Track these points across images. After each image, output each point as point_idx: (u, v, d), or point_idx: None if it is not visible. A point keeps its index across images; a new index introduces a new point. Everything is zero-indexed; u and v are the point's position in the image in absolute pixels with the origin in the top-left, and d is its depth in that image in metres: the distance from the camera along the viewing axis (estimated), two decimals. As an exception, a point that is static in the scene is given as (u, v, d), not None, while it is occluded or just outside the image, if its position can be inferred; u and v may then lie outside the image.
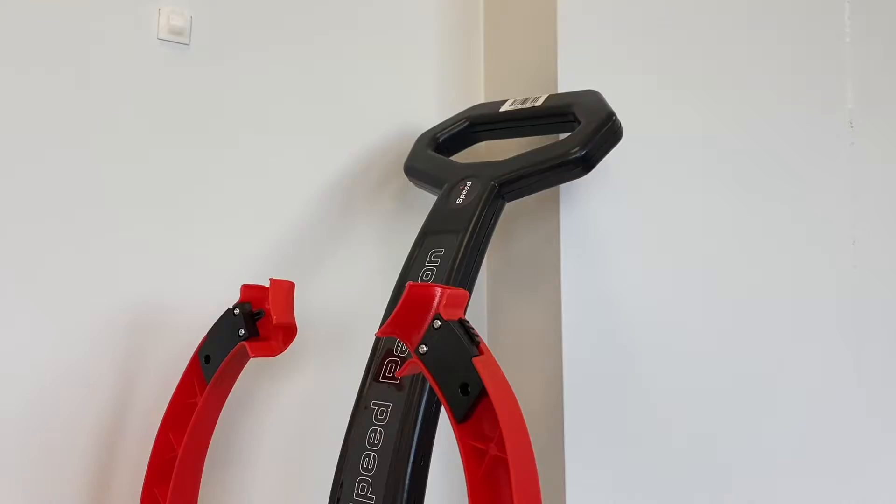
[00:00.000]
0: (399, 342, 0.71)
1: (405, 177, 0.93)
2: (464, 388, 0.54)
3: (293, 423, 0.86)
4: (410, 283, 0.59)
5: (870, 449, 1.15)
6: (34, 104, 0.75)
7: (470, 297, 0.65)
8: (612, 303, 0.93)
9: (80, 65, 0.77)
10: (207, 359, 0.72)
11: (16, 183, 0.74)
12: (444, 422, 0.68)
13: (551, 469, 0.88)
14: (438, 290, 0.58)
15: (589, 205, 0.89)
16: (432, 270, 0.74)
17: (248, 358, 0.71)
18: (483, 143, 0.96)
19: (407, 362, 0.59)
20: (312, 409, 0.88)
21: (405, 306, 0.57)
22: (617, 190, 0.92)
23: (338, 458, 0.69)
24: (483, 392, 0.53)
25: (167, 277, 0.80)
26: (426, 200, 0.93)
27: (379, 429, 0.67)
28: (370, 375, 0.71)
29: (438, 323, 0.56)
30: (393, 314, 0.58)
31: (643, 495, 0.94)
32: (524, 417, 0.55)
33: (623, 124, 0.79)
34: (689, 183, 1.01)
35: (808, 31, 1.15)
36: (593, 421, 0.90)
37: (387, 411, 0.68)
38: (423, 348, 0.57)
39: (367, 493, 0.65)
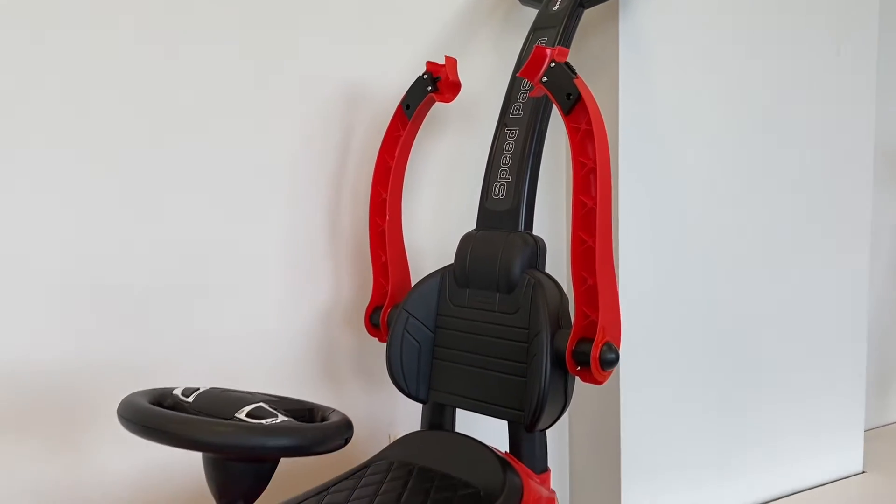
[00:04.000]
0: (515, 105, 1.18)
1: (509, 3, 1.37)
2: (568, 96, 1.01)
3: (444, 161, 1.37)
4: (537, 45, 1.05)
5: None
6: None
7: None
8: (655, 86, 1.38)
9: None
10: (407, 106, 1.21)
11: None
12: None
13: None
14: (550, 49, 1.04)
15: (639, 16, 1.33)
16: (539, 52, 1.19)
17: (433, 103, 1.20)
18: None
19: (535, 88, 1.06)
20: (454, 154, 1.38)
21: (534, 56, 1.04)
22: (659, 6, 1.35)
23: (486, 161, 1.18)
24: (579, 97, 1.00)
25: (369, 65, 1.28)
26: (522, 19, 1.37)
27: (511, 141, 1.16)
28: (503, 116, 1.19)
29: (553, 63, 1.03)
30: (527, 61, 1.04)
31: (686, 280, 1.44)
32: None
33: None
34: (712, 10, 1.43)
35: None
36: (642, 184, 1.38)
37: (515, 131, 1.16)
38: (545, 78, 1.04)
39: (506, 175, 1.15)
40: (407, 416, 1.34)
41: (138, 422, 0.72)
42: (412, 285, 1.20)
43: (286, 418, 0.75)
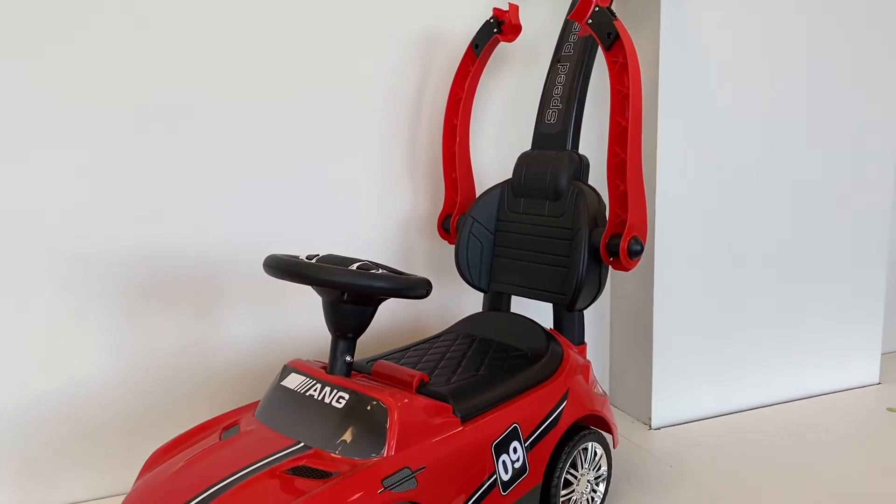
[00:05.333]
0: (566, 44, 1.39)
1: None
2: (608, 35, 1.23)
3: (506, 92, 1.61)
4: (583, -6, 1.26)
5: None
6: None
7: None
8: (693, 31, 1.57)
9: None
10: (476, 46, 1.45)
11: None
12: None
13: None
14: (596, -3, 1.26)
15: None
16: None
17: (497, 43, 1.43)
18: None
19: (582, 29, 1.28)
20: (515, 85, 1.61)
21: (582, 2, 1.25)
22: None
23: (541, 91, 1.41)
24: (617, 35, 1.22)
25: (445, 11, 1.52)
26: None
27: (562, 74, 1.38)
28: (557, 53, 1.41)
29: (597, 8, 1.25)
30: (576, 6, 1.26)
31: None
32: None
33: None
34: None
35: None
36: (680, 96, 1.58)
37: (566, 66, 1.38)
38: (590, 20, 1.25)
39: (558, 103, 1.38)
40: (470, 303, 1.61)
41: (279, 267, 1.01)
42: (477, 196, 1.46)
43: (385, 271, 1.02)
